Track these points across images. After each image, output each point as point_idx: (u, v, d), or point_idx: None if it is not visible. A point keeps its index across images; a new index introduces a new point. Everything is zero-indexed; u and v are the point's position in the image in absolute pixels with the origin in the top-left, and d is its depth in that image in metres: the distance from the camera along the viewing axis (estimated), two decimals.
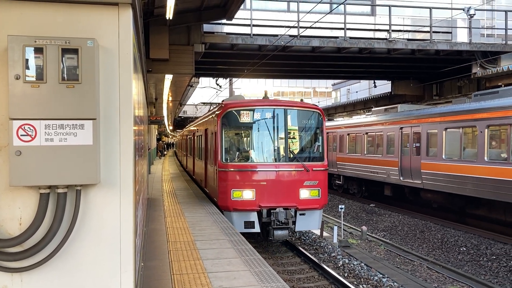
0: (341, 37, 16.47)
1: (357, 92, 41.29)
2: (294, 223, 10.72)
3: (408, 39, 17.53)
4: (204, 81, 36.87)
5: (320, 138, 11.48)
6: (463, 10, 17.84)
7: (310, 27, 15.17)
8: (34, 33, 3.12)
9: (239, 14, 14.10)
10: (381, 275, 9.57)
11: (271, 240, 10.82)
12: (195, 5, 12.63)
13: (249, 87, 65.54)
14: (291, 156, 11.11)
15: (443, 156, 14.96)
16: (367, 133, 20.56)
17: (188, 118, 46.27)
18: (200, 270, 6.21)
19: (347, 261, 10.55)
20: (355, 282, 9.18)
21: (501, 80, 17.23)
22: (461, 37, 18.12)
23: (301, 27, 15.65)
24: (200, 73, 21.70)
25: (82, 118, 3.09)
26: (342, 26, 16.51)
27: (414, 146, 16.68)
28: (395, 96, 24.93)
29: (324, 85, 71.40)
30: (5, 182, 3.09)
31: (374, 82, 26.85)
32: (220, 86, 24.52)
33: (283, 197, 10.67)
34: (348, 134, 22.52)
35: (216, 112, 11.62)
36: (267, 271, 6.18)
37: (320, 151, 11.44)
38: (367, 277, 9.40)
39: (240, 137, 11.63)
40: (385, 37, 17.11)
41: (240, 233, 8.82)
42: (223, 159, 10.94)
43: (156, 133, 42.88)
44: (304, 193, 10.86)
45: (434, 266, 10.82)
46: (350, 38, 16.52)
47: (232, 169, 10.75)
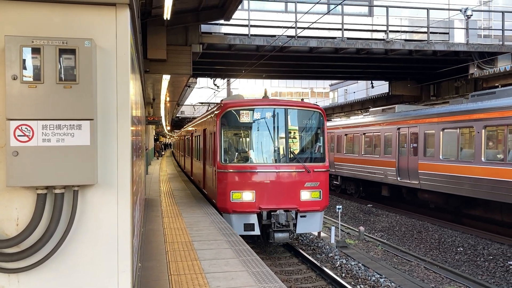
0: (339, 37, 16.48)
1: (354, 92, 41.35)
2: (295, 226, 10.53)
3: (406, 40, 17.57)
4: (202, 82, 36.87)
5: (321, 138, 11.24)
6: (460, 11, 17.89)
7: (308, 28, 15.19)
8: (32, 34, 3.12)
9: (237, 14, 14.09)
10: (378, 276, 9.57)
11: (272, 243, 10.70)
12: (193, 6, 12.63)
13: (247, 88, 65.50)
14: (292, 156, 10.90)
15: (440, 156, 14.99)
16: (364, 134, 20.59)
17: (185, 118, 46.20)
18: (197, 271, 6.21)
19: (344, 261, 10.56)
20: (353, 283, 9.19)
21: (498, 80, 17.28)
22: (458, 38, 18.17)
23: (298, 28, 15.66)
24: (198, 73, 21.69)
25: (80, 118, 3.09)
26: (339, 26, 16.52)
27: (412, 147, 16.71)
28: (393, 96, 24.96)
29: (321, 85, 71.44)
30: (2, 182, 3.08)
31: (372, 83, 26.87)
32: (217, 87, 24.51)
33: (283, 198, 10.46)
34: (346, 135, 22.54)
35: (215, 112, 11.42)
36: (264, 271, 6.18)
37: (321, 151, 11.22)
38: (365, 278, 9.41)
39: (239, 137, 11.40)
40: (382, 38, 17.14)
41: (240, 235, 8.67)
42: (222, 160, 10.70)
43: (154, 134, 42.86)
44: (305, 195, 10.64)
45: (432, 267, 10.83)
46: (348, 38, 16.54)
47: (231, 170, 10.52)
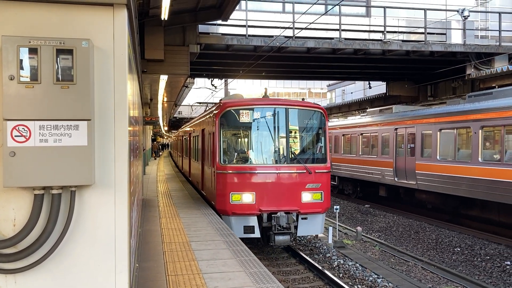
0: (336, 38, 16.50)
1: (352, 93, 41.40)
2: (296, 228, 10.31)
3: (403, 40, 17.60)
4: (199, 82, 36.86)
5: (322, 138, 11.01)
6: (457, 11, 17.94)
7: (305, 28, 15.20)
8: (29, 34, 3.11)
9: (235, 14, 14.09)
10: (376, 276, 9.59)
11: (272, 246, 10.52)
12: (190, 6, 12.62)
13: (245, 88, 65.52)
14: (293, 157, 10.67)
15: (438, 157, 15.03)
16: (362, 134, 20.62)
17: (183, 118, 46.21)
18: (195, 271, 6.20)
19: (342, 261, 10.57)
20: (350, 283, 9.20)
21: (495, 81, 17.34)
22: (456, 38, 18.21)
23: (296, 28, 15.67)
24: (195, 73, 21.69)
25: (77, 119, 3.08)
26: (337, 27, 16.55)
27: (409, 147, 16.75)
28: (390, 97, 25.01)
29: (319, 86, 71.51)
30: None
31: (369, 83, 26.91)
32: (215, 87, 24.49)
33: (284, 200, 10.23)
34: (343, 135, 22.57)
35: (214, 111, 11.18)
36: (262, 271, 6.18)
37: (323, 152, 10.99)
38: (362, 278, 9.43)
39: (239, 138, 11.18)
40: (380, 38, 17.16)
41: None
42: (222, 161, 10.48)
43: (151, 134, 42.82)
44: (306, 197, 10.41)
45: (429, 267, 10.85)
46: (345, 39, 16.56)
47: (230, 171, 10.30)
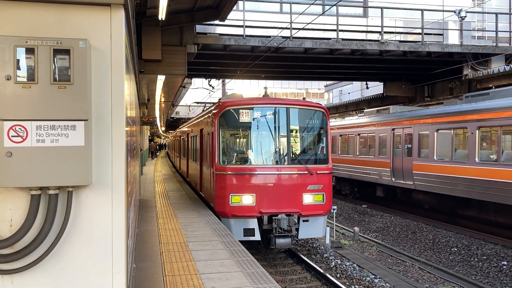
0: (334, 38, 16.52)
1: (349, 93, 41.47)
2: (297, 230, 10.05)
3: (400, 41, 17.64)
4: (197, 82, 36.80)
5: (324, 139, 10.77)
6: (454, 12, 17.99)
7: (303, 29, 15.22)
8: (25, 34, 3.10)
9: (232, 15, 14.10)
10: (373, 276, 9.60)
11: (273, 249, 10.24)
12: (187, 6, 12.62)
13: (242, 88, 65.46)
14: (294, 158, 10.40)
15: (435, 157, 15.06)
16: (359, 134, 20.64)
17: (180, 119, 46.16)
18: (192, 272, 6.20)
19: (339, 262, 10.57)
20: (347, 283, 9.20)
21: (491, 81, 17.39)
22: (453, 39, 18.27)
23: (293, 29, 15.68)
24: (193, 74, 21.68)
25: (74, 119, 3.08)
26: (334, 27, 16.57)
27: (406, 147, 16.78)
28: (387, 97, 25.05)
29: (316, 86, 71.58)
30: None
31: (366, 84, 26.96)
32: (213, 87, 24.48)
33: (285, 202, 9.98)
34: (341, 135, 22.59)
35: (213, 111, 10.92)
36: (259, 272, 6.18)
37: (325, 152, 10.74)
38: (359, 278, 9.43)
39: (239, 138, 10.90)
40: (377, 39, 17.20)
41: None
42: (221, 162, 10.23)
43: (149, 134, 42.77)
44: (308, 198, 10.15)
45: (426, 267, 10.87)
46: (343, 39, 16.58)
47: (230, 172, 10.04)
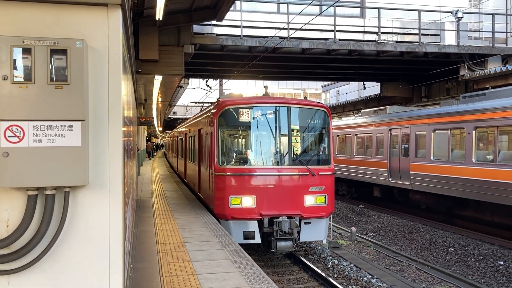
0: (331, 39, 16.54)
1: (346, 93, 41.50)
2: (299, 233, 9.81)
3: (397, 41, 17.67)
4: (194, 82, 36.80)
5: (326, 139, 10.54)
6: (451, 13, 18.04)
7: (300, 29, 15.23)
8: (22, 34, 3.10)
9: (229, 15, 14.09)
10: (370, 276, 9.62)
11: (274, 252, 9.97)
12: (185, 6, 12.61)
13: (239, 89, 65.46)
14: (295, 158, 10.11)
15: (432, 157, 15.09)
16: (356, 135, 20.67)
17: (178, 119, 46.13)
18: (189, 272, 6.20)
19: (336, 262, 10.59)
20: (345, 283, 9.21)
21: (488, 82, 17.44)
22: (449, 39, 18.32)
23: (291, 29, 15.69)
24: (190, 74, 21.66)
25: (71, 119, 3.08)
26: (332, 28, 16.59)
27: (403, 148, 16.81)
28: (384, 97, 25.10)
29: (314, 86, 71.59)
30: None
31: (364, 84, 27.00)
32: (210, 87, 24.48)
33: (286, 204, 9.73)
34: (338, 136, 22.61)
35: (212, 110, 10.62)
36: (257, 272, 6.18)
37: (327, 153, 10.50)
38: (357, 278, 9.45)
39: (238, 138, 10.67)
40: (374, 39, 17.22)
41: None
42: (220, 162, 9.98)
43: (146, 134, 42.72)
44: (309, 200, 9.91)
45: (423, 267, 10.90)
46: (340, 40, 16.61)
47: (229, 173, 9.79)
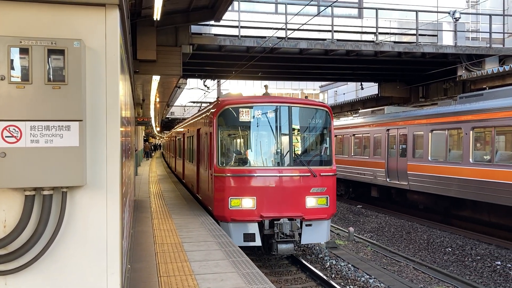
0: (329, 39, 16.56)
1: (344, 94, 41.54)
2: (300, 235, 9.66)
3: (395, 42, 17.70)
4: (192, 82, 36.76)
5: (328, 139, 10.34)
6: (449, 13, 18.08)
7: (298, 29, 15.24)
8: (19, 34, 3.09)
9: (227, 15, 14.09)
10: (368, 276, 9.63)
11: (274, 255, 9.76)
12: (183, 6, 12.60)
13: (237, 89, 65.50)
14: (296, 159, 9.94)
15: (429, 157, 15.12)
16: (354, 135, 20.69)
17: (175, 119, 46.14)
18: (187, 272, 6.19)
19: (334, 262, 10.59)
20: (342, 283, 9.22)
21: (485, 82, 17.49)
22: (447, 40, 18.36)
23: (288, 29, 15.70)
24: (188, 74, 21.65)
25: (68, 119, 3.07)
26: (329, 28, 16.61)
27: (401, 148, 16.84)
28: (382, 98, 25.14)
29: (311, 87, 71.64)
30: None
31: (361, 84, 27.05)
32: (208, 88, 24.47)
33: (287, 205, 9.55)
34: (336, 136, 22.64)
35: (211, 110, 10.43)
36: (254, 272, 6.18)
37: (328, 153, 10.31)
38: (354, 278, 9.46)
39: (238, 138, 10.49)
40: (372, 40, 17.25)
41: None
42: (219, 163, 9.79)
43: (143, 135, 42.68)
44: (311, 201, 9.74)
45: (420, 267, 10.91)
46: (338, 40, 16.62)
47: (229, 174, 9.59)
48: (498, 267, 10.70)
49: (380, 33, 17.31)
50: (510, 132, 12.04)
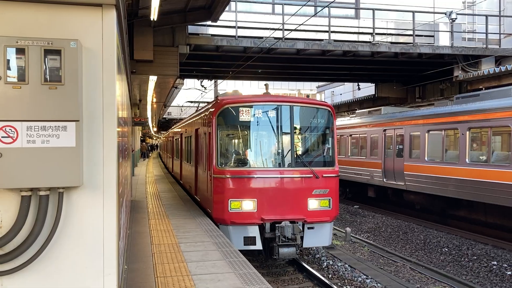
0: (326, 40, 16.58)
1: (341, 94, 41.57)
2: (302, 239, 9.35)
3: (392, 43, 17.74)
4: (189, 83, 36.72)
5: (330, 139, 10.07)
6: (445, 14, 18.13)
7: (295, 30, 15.25)
8: (16, 34, 3.09)
9: (224, 16, 14.09)
10: (364, 276, 9.64)
11: (276, 259, 9.43)
12: (180, 7, 12.60)
13: (234, 89, 65.39)
14: (298, 160, 9.63)
15: (426, 158, 15.15)
16: (351, 135, 20.72)
17: (172, 119, 46.10)
18: (184, 273, 6.19)
19: (331, 262, 10.60)
20: (339, 283, 9.23)
21: (482, 83, 17.55)
22: (443, 40, 18.42)
23: (286, 30, 15.71)
24: (185, 74, 21.64)
25: (65, 120, 3.07)
26: (326, 29, 16.62)
27: (397, 148, 16.87)
28: (379, 98, 25.18)
29: (308, 87, 71.69)
30: None
31: (358, 85, 27.09)
32: (205, 88, 24.45)
33: (288, 208, 9.27)
34: None
35: (210, 109, 10.16)
36: (251, 273, 6.18)
37: (331, 154, 10.04)
38: (351, 278, 9.47)
39: (238, 138, 10.18)
40: (369, 40, 17.29)
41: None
42: (219, 164, 9.50)
43: (140, 135, 42.62)
44: (313, 204, 9.45)
45: (417, 267, 10.93)
46: (335, 41, 16.65)
47: (229, 176, 9.30)
48: (494, 267, 10.74)
49: (377, 34, 17.35)
50: (506, 132, 12.08)
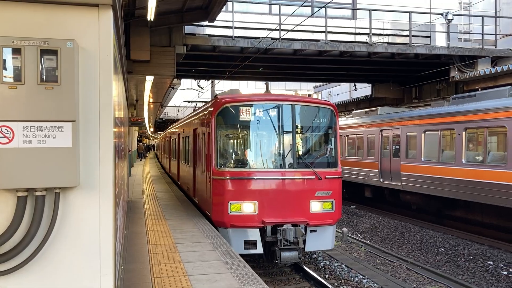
0: (322, 40, 16.60)
1: (338, 94, 41.60)
2: (304, 242, 9.00)
3: (388, 43, 17.78)
4: (186, 83, 36.68)
5: (333, 139, 9.76)
6: (441, 15, 18.18)
7: (292, 30, 15.26)
8: (12, 34, 3.08)
9: (221, 16, 14.08)
10: (361, 276, 9.65)
11: (277, 263, 9.15)
12: (176, 7, 12.59)
13: (234, 88, 65.25)
14: (300, 161, 9.32)
15: (422, 158, 15.19)
16: (347, 136, 20.75)
17: (169, 119, 46.07)
18: (181, 273, 6.18)
19: (328, 262, 10.62)
20: (336, 284, 9.24)
21: (478, 83, 17.61)
22: (440, 41, 18.47)
23: (282, 30, 15.72)
24: (182, 74, 21.63)
25: (61, 120, 3.06)
26: (323, 29, 16.65)
27: (394, 149, 16.91)
28: (375, 99, 25.22)
29: (305, 87, 71.77)
30: None
31: (355, 85, 27.12)
32: (202, 88, 24.43)
33: (290, 210, 8.96)
34: None
35: (209, 108, 9.84)
36: (248, 273, 6.18)
37: (333, 154, 9.71)
38: (348, 279, 9.48)
39: (238, 138, 9.82)
40: (365, 41, 17.32)
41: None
42: (218, 165, 9.17)
43: (137, 135, 42.56)
44: (316, 206, 9.14)
45: (413, 267, 10.96)
46: (331, 41, 16.67)
47: (229, 177, 8.98)
48: (490, 267, 10.78)
49: (373, 34, 17.38)
50: (502, 133, 12.13)
